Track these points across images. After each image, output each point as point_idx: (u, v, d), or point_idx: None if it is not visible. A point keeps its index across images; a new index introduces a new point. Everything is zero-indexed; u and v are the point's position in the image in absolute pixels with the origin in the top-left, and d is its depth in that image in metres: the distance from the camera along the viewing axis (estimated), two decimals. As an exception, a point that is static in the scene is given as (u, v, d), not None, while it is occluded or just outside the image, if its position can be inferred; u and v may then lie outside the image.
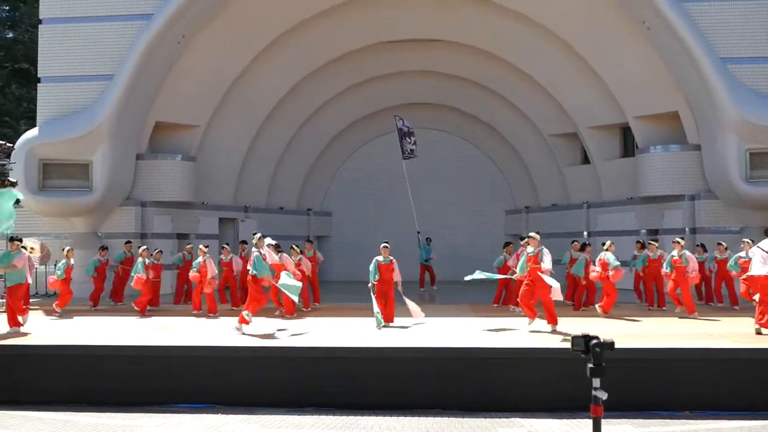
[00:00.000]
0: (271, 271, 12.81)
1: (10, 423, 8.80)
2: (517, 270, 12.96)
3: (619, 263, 14.00)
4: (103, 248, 17.34)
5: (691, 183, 19.34)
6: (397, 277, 13.41)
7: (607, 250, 14.29)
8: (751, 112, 17.40)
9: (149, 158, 20.81)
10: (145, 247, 16.31)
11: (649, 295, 16.04)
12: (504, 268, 16.22)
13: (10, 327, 12.31)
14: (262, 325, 12.63)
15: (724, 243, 16.09)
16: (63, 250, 15.95)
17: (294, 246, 16.39)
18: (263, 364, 10.16)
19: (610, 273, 13.92)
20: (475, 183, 27.50)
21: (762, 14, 17.95)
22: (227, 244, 18.33)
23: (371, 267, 13.38)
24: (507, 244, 16.97)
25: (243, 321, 11.88)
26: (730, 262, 14.69)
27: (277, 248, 15.13)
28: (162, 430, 8.50)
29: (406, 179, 21.88)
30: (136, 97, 19.32)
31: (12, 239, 13.49)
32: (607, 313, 14.11)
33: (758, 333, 11.17)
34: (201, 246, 15.76)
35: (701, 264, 15.68)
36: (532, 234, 12.75)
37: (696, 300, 15.21)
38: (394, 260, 13.52)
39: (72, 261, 15.55)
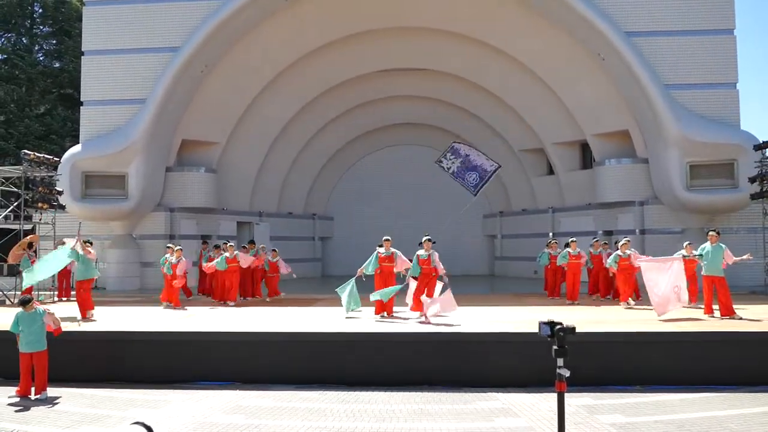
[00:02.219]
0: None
1: (57, 398, 8.74)
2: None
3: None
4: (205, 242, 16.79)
5: (640, 191, 19.40)
6: (402, 266, 12.45)
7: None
8: (691, 130, 17.50)
9: (177, 170, 20.76)
10: (231, 243, 15.40)
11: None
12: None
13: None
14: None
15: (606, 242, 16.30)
16: (175, 248, 14.97)
17: (230, 244, 16.18)
18: (275, 347, 10.12)
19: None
20: (456, 191, 27.42)
21: (700, 47, 18.08)
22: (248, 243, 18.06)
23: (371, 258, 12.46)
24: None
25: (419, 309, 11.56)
26: (609, 259, 14.09)
27: (217, 247, 15.56)
28: (189, 404, 8.45)
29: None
30: (165, 118, 19.29)
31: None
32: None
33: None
34: (170, 245, 15.56)
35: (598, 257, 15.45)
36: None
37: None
38: (396, 252, 12.58)
39: (181, 257, 14.67)
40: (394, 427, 7.37)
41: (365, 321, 11.70)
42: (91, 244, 13.91)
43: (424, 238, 12.16)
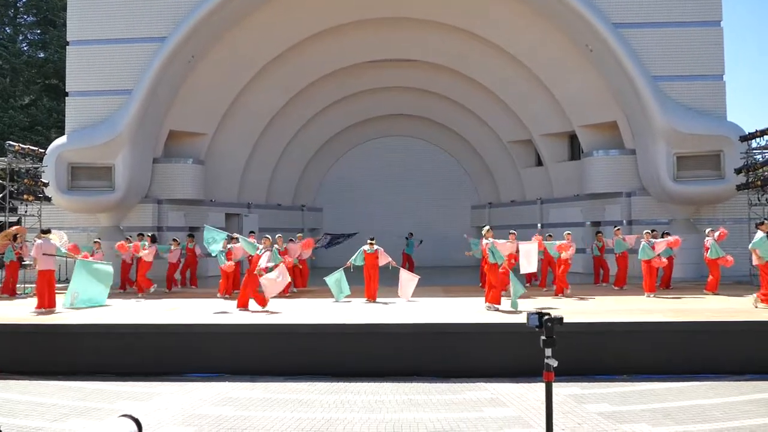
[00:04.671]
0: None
1: (45, 391, 8.71)
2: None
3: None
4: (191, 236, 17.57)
5: (627, 182, 19.53)
6: (385, 260, 13.94)
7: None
8: (678, 122, 17.60)
9: (164, 162, 20.61)
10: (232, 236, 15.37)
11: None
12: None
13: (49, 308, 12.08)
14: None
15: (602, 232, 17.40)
16: (276, 238, 15.12)
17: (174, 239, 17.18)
18: (264, 339, 10.12)
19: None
20: (445, 182, 27.60)
21: (687, 38, 18.15)
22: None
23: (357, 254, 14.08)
24: (598, 232, 17.37)
25: (496, 302, 11.92)
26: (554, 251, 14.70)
27: (153, 239, 15.95)
28: (178, 396, 8.44)
29: None
30: (152, 109, 19.12)
31: (43, 231, 13.30)
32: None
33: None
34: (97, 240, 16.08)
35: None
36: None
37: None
38: (380, 249, 14.02)
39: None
40: (383, 417, 7.40)
41: (354, 312, 11.73)
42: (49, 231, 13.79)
43: (277, 235, 13.84)
